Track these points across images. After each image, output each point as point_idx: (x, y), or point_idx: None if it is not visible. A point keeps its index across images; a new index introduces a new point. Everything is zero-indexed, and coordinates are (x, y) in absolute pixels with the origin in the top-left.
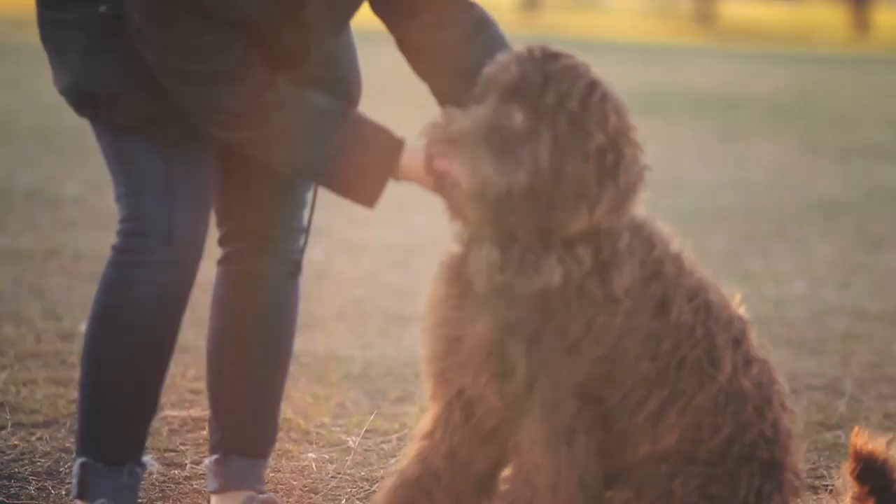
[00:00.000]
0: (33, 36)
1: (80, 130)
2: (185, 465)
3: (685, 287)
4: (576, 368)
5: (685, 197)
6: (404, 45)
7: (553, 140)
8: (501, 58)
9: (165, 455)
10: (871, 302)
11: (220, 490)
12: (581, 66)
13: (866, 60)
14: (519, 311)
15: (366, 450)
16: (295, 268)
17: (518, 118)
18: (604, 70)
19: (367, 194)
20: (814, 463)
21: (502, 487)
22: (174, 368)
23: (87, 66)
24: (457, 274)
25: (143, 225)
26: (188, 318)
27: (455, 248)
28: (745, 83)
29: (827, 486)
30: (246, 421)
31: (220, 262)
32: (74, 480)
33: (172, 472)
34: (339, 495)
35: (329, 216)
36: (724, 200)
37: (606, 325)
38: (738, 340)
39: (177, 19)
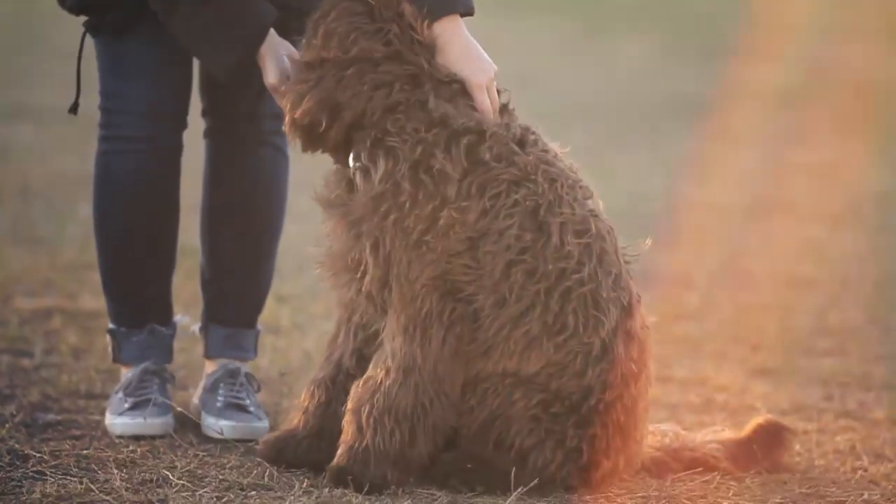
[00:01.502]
0: None
1: None
2: (35, 354)
3: (569, 217)
4: (428, 263)
5: (546, 93)
6: None
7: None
8: None
9: (15, 346)
10: (728, 197)
11: (204, 355)
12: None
13: None
14: (358, 222)
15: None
16: (258, 144)
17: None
18: None
19: (215, 62)
20: (664, 355)
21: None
22: (26, 259)
23: None
24: (323, 189)
25: (111, 101)
26: (44, 212)
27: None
28: None
29: (676, 376)
30: (224, 292)
31: (204, 134)
32: (109, 348)
33: (22, 361)
34: (188, 384)
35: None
36: (585, 97)
37: (455, 220)
38: (626, 309)
39: None
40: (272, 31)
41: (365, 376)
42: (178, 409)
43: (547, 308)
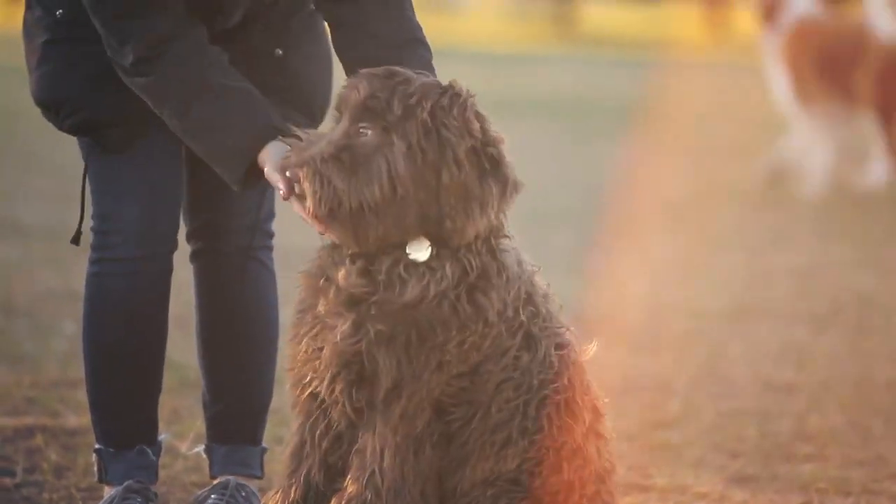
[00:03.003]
0: None
1: None
2: (17, 473)
3: (554, 332)
4: (439, 384)
5: (530, 198)
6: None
7: (407, 150)
8: (353, 78)
9: None
10: (710, 301)
11: (210, 475)
12: (427, 80)
13: (721, 63)
14: (388, 324)
15: (197, 456)
16: (241, 262)
17: (368, 135)
18: (459, 77)
19: (228, 172)
20: (644, 463)
21: (343, 487)
22: (9, 377)
23: (40, 75)
24: (321, 283)
25: (106, 223)
26: (27, 329)
27: (320, 255)
28: (599, 87)
29: (655, 485)
30: (219, 410)
31: (190, 258)
32: (94, 467)
33: (3, 480)
34: (169, 500)
35: None
36: (569, 201)
37: (475, 344)
38: (597, 412)
39: None
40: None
41: (348, 495)
42: None
43: (525, 416)
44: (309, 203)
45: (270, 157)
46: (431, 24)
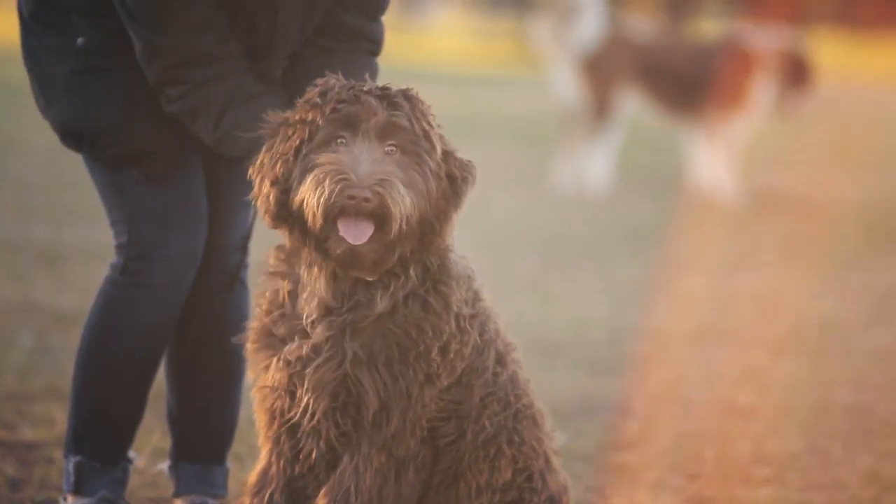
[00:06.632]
0: None
1: None
2: None
3: (513, 349)
4: (431, 398)
5: (495, 220)
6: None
7: (427, 164)
8: (344, 93)
9: None
10: (671, 324)
11: (174, 494)
12: (406, 91)
13: None
14: (366, 343)
15: (154, 472)
16: (230, 281)
17: (397, 153)
18: (426, 96)
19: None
20: (602, 484)
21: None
22: None
23: (69, 104)
24: (284, 309)
25: (144, 249)
26: None
27: (272, 281)
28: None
29: None
30: (191, 429)
31: None
32: (70, 477)
33: None
34: None
35: None
36: (534, 224)
37: (459, 353)
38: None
39: None
40: None
41: None
42: None
43: (509, 430)
44: (395, 217)
45: None
46: (397, 45)
